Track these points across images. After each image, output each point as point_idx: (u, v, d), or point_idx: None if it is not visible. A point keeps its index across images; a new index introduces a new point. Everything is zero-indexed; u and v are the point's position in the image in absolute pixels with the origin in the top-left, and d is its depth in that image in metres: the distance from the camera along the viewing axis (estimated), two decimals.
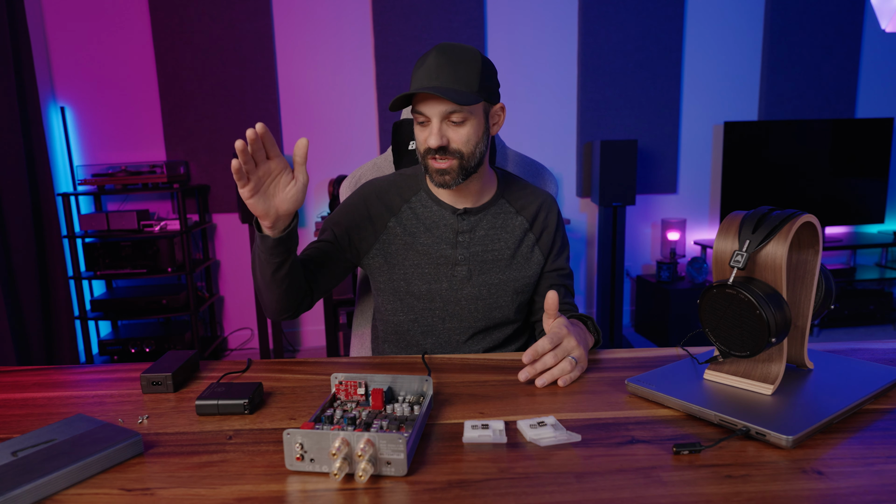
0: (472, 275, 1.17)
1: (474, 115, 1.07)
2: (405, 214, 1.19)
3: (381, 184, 1.23)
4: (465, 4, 3.31)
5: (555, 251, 1.24)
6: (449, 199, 1.19)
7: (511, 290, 1.19)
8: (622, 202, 3.26)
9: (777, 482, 0.63)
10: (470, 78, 1.04)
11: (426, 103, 1.05)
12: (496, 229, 1.19)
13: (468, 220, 1.18)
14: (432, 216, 1.19)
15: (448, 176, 1.08)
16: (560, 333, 0.96)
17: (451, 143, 1.07)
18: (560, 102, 3.50)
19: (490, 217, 1.19)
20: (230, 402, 0.83)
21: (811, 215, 0.81)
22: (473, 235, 1.18)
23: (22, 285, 2.53)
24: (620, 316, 3.41)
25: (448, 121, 1.06)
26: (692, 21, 3.49)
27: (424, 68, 1.04)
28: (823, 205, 3.56)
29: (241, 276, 3.52)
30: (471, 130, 1.07)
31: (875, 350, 1.04)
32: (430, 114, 1.05)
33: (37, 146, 2.64)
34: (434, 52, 1.05)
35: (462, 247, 1.17)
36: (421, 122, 1.08)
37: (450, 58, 1.04)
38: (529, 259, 1.21)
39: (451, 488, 0.64)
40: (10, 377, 1.03)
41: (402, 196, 1.21)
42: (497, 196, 1.21)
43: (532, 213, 1.22)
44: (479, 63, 1.06)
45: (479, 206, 1.19)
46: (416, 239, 1.18)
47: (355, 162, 3.43)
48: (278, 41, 3.30)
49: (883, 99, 3.66)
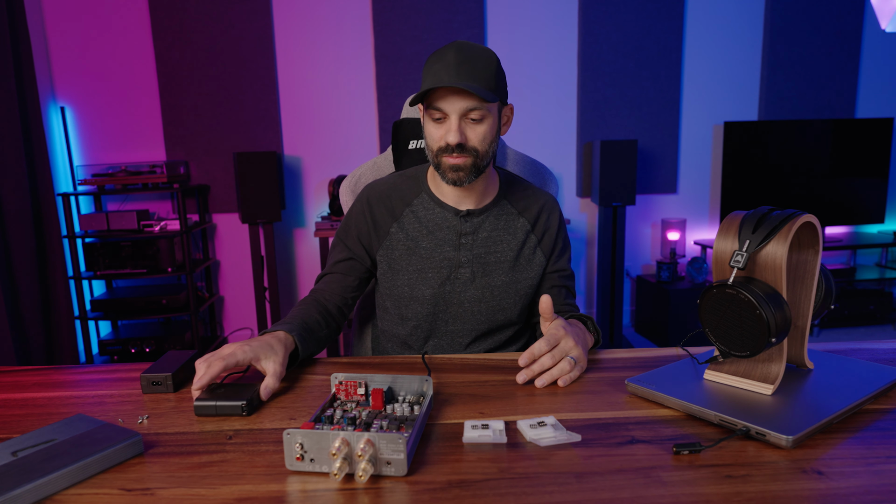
0: (475, 277, 1.17)
1: (491, 114, 1.07)
2: (407, 218, 1.19)
3: (382, 187, 1.22)
4: (465, 4, 3.31)
5: (556, 253, 1.24)
6: (452, 201, 1.18)
7: (514, 292, 1.19)
8: (622, 202, 3.26)
9: (777, 482, 0.63)
10: (488, 76, 1.04)
11: (446, 99, 1.04)
12: (499, 231, 1.19)
13: (471, 221, 1.17)
14: (435, 218, 1.18)
15: (462, 172, 1.08)
16: (557, 335, 0.95)
17: (469, 142, 1.06)
18: (560, 102, 3.50)
19: (493, 219, 1.19)
20: (228, 404, 0.83)
21: (811, 215, 0.81)
22: (476, 237, 1.17)
23: (22, 285, 2.53)
24: (620, 316, 3.41)
25: (466, 118, 1.05)
26: (692, 21, 3.49)
27: (443, 64, 1.03)
28: (823, 205, 3.56)
29: (241, 276, 3.52)
30: (487, 129, 1.07)
31: (875, 350, 1.04)
32: (450, 110, 1.04)
33: (37, 146, 2.64)
34: (453, 49, 1.04)
35: (465, 249, 1.17)
36: (437, 118, 1.06)
37: (469, 56, 1.03)
38: (532, 261, 1.21)
39: (451, 488, 0.64)
40: (10, 377, 1.03)
41: (404, 199, 1.20)
42: (499, 197, 1.21)
43: (534, 215, 1.22)
44: (495, 63, 1.06)
45: (481, 207, 1.18)
46: (418, 243, 1.17)
47: (355, 162, 3.43)
48: (278, 41, 3.30)
49: (883, 99, 3.66)
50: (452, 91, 1.03)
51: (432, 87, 1.01)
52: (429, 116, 1.08)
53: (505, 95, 1.10)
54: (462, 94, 1.03)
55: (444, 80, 1.02)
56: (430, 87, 1.01)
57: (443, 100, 1.04)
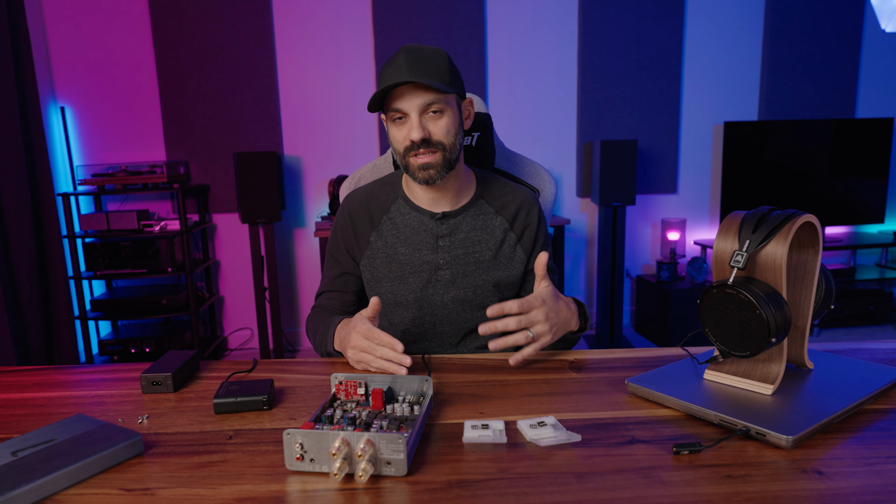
0: (455, 278, 1.18)
1: (450, 107, 1.09)
2: (385, 226, 1.20)
3: (361, 196, 1.24)
4: (465, 4, 3.31)
5: (537, 249, 1.25)
6: (427, 204, 1.18)
7: (496, 291, 1.20)
8: (622, 202, 3.26)
9: (777, 482, 0.63)
10: (441, 71, 1.06)
11: (403, 98, 1.05)
12: (476, 231, 1.19)
13: (447, 223, 1.18)
14: (411, 223, 1.19)
15: (433, 170, 1.08)
16: (533, 302, 0.97)
17: (433, 136, 1.07)
18: (560, 102, 3.50)
19: (469, 219, 1.19)
20: (249, 399, 0.84)
21: (811, 215, 0.81)
22: (454, 239, 1.18)
23: (22, 285, 2.53)
24: (620, 316, 3.41)
25: (426, 114, 1.07)
26: (692, 21, 3.49)
27: (394, 67, 1.05)
28: (823, 205, 3.56)
29: (241, 276, 3.52)
30: (449, 121, 1.08)
31: (875, 350, 1.04)
32: (408, 108, 1.06)
33: (37, 146, 2.64)
34: (402, 52, 1.06)
35: (443, 251, 1.17)
36: (398, 118, 1.08)
37: (418, 55, 1.05)
38: (512, 258, 1.21)
39: (451, 488, 0.64)
40: (10, 377, 1.03)
41: (381, 207, 1.21)
42: (476, 196, 1.21)
43: (512, 213, 1.22)
44: (447, 59, 1.08)
45: (457, 208, 1.19)
46: (396, 250, 1.19)
47: (355, 162, 3.43)
48: (278, 41, 3.30)
49: (883, 99, 3.66)
50: (408, 89, 1.05)
51: (387, 87, 1.03)
52: (390, 120, 1.10)
53: (461, 89, 1.12)
54: (418, 89, 1.05)
55: (398, 78, 1.03)
56: (385, 85, 1.03)
57: (400, 99, 1.06)
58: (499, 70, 3.43)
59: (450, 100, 1.08)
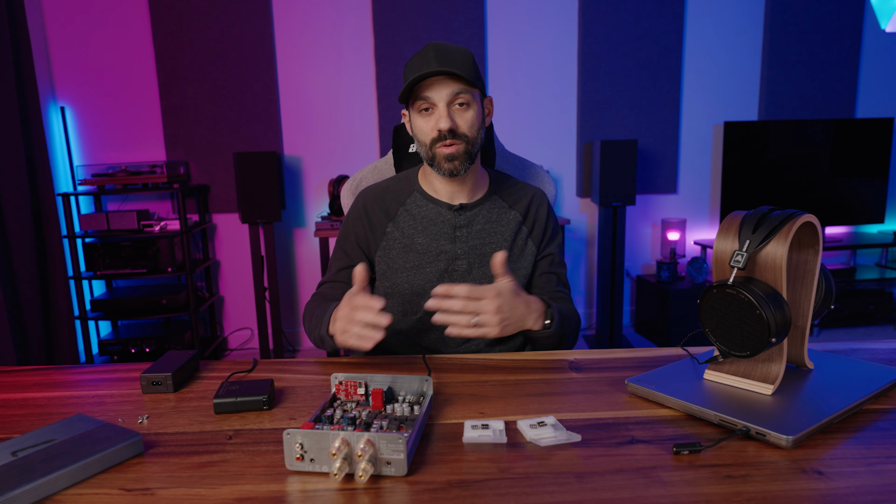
0: (472, 268, 1.20)
1: (475, 101, 1.13)
2: (402, 217, 1.22)
3: (377, 190, 1.26)
4: (465, 4, 3.31)
5: (545, 240, 1.27)
6: (445, 196, 1.21)
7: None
8: (622, 202, 3.25)
9: (777, 482, 0.63)
10: (468, 65, 1.10)
11: (432, 88, 1.09)
12: (492, 223, 1.22)
13: (465, 214, 1.20)
14: (429, 214, 1.21)
15: (457, 161, 1.12)
16: (486, 292, 0.98)
17: (459, 128, 1.11)
18: (560, 102, 3.50)
19: (485, 212, 1.22)
20: (249, 399, 0.84)
21: (811, 215, 0.81)
22: (471, 230, 1.20)
23: (22, 285, 2.53)
24: (620, 316, 3.41)
25: (453, 105, 1.10)
26: (692, 21, 3.49)
27: (423, 60, 1.08)
28: (823, 205, 3.56)
29: (241, 276, 3.52)
30: (474, 115, 1.12)
31: (875, 350, 1.04)
32: (437, 98, 1.09)
33: (37, 146, 2.64)
34: (430, 47, 1.10)
35: (461, 241, 1.20)
36: (425, 108, 1.11)
37: (446, 50, 1.09)
38: (524, 251, 1.24)
39: (451, 488, 0.64)
40: (10, 377, 1.03)
41: (398, 199, 1.23)
42: (490, 192, 1.24)
43: (524, 207, 1.26)
44: (471, 56, 1.12)
45: (474, 201, 1.22)
46: (414, 240, 1.20)
47: (355, 162, 3.43)
48: (278, 41, 3.30)
49: (883, 99, 3.66)
50: (437, 80, 1.09)
51: (419, 77, 1.06)
52: (416, 111, 1.13)
53: (484, 87, 1.16)
54: (447, 80, 1.08)
55: (426, 69, 1.07)
56: (416, 75, 1.07)
57: (429, 89, 1.10)
58: (499, 70, 3.43)
59: (475, 94, 1.12)
